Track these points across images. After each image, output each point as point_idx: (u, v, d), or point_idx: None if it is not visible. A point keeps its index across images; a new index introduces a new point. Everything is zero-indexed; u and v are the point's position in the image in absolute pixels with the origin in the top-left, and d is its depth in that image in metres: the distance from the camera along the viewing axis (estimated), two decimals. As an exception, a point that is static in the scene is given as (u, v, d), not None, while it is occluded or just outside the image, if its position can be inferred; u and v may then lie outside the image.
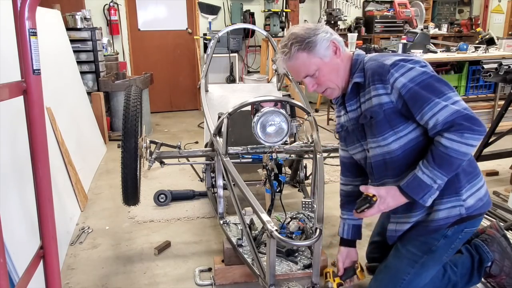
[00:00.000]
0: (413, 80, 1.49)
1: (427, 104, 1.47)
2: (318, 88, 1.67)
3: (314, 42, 1.57)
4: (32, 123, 1.32)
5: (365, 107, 1.62)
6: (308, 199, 2.22)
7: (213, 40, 3.53)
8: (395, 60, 1.54)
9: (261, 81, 5.71)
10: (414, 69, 1.51)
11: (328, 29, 1.63)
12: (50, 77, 3.14)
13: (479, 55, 4.57)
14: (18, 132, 2.07)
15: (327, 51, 1.60)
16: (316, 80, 1.63)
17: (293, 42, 1.58)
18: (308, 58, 1.59)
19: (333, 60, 1.62)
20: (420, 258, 1.66)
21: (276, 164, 2.02)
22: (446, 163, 1.47)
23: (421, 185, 1.51)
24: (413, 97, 1.49)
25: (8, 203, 1.87)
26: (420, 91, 1.48)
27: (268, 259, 1.60)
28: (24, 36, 1.25)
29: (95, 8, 5.70)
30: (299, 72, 1.64)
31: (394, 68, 1.52)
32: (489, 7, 7.53)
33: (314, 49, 1.58)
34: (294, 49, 1.58)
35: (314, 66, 1.60)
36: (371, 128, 1.61)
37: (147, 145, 2.42)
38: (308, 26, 1.63)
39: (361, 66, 1.63)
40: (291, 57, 1.60)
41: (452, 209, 1.59)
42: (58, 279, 1.49)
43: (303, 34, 1.58)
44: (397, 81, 1.50)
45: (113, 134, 4.83)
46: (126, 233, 2.70)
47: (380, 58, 1.60)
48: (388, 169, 1.65)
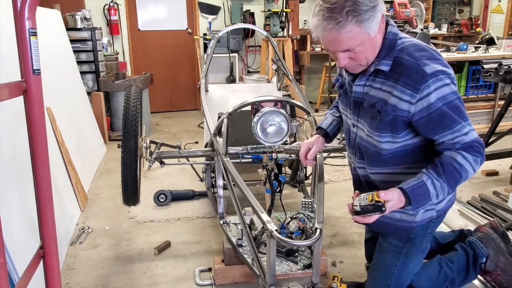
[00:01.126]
0: (444, 98, 1.38)
1: (452, 127, 1.41)
2: (350, 62, 1.45)
3: (372, 16, 1.32)
4: (32, 123, 1.32)
5: (377, 95, 1.48)
6: (308, 199, 2.22)
7: (213, 40, 3.53)
8: (436, 70, 1.37)
9: (261, 81, 5.71)
10: (448, 86, 1.39)
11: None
12: (50, 77, 3.14)
13: (479, 55, 4.57)
14: (18, 132, 2.07)
15: (377, 26, 1.37)
16: (353, 55, 1.41)
17: (350, 10, 1.29)
18: (359, 32, 1.33)
19: (376, 35, 1.40)
20: (402, 248, 1.68)
21: (276, 164, 2.02)
22: (455, 180, 1.43)
23: (425, 195, 1.43)
24: (439, 117, 1.40)
25: (8, 203, 1.87)
26: (448, 112, 1.39)
27: (268, 259, 1.60)
28: (24, 36, 1.25)
29: (95, 8, 5.70)
30: (340, 45, 1.38)
31: (432, 79, 1.36)
32: (489, 7, 7.53)
33: (369, 24, 1.33)
34: (349, 19, 1.30)
35: (360, 41, 1.36)
36: (373, 120, 1.52)
37: (147, 145, 2.42)
38: None
39: (393, 52, 1.45)
40: (342, 28, 1.31)
41: (425, 213, 1.61)
42: (58, 279, 1.49)
43: (360, 2, 1.30)
44: (431, 95, 1.37)
45: (113, 134, 4.83)
46: (126, 233, 2.70)
47: (419, 56, 1.41)
48: (367, 156, 1.61)
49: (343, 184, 3.49)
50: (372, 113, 1.51)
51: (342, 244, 2.52)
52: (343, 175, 3.66)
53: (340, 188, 3.40)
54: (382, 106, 1.46)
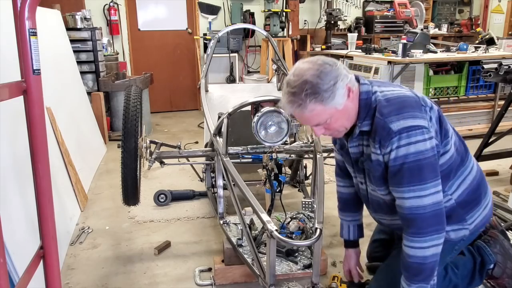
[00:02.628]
0: (405, 157, 1.42)
1: (400, 186, 1.45)
2: (327, 132, 1.54)
3: (332, 93, 1.39)
4: (32, 123, 1.33)
5: (366, 151, 1.56)
6: (308, 199, 2.22)
7: (213, 40, 3.53)
8: (402, 127, 1.41)
9: (261, 81, 5.71)
10: (414, 145, 1.41)
11: (343, 70, 1.44)
12: (50, 77, 3.14)
13: (479, 55, 4.57)
14: (18, 132, 2.07)
15: (342, 99, 1.43)
16: (327, 126, 1.50)
17: (308, 93, 1.38)
18: (323, 110, 1.42)
19: (346, 104, 1.46)
20: None
21: (276, 164, 2.02)
22: (421, 272, 1.48)
23: None
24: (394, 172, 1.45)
25: (8, 203, 1.87)
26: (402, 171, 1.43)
27: (268, 259, 1.60)
28: (24, 36, 1.25)
29: (95, 8, 5.70)
30: (309, 121, 1.48)
31: (396, 137, 1.41)
32: (489, 7, 7.52)
33: (332, 100, 1.40)
34: (308, 101, 1.38)
35: (328, 115, 1.44)
36: (369, 177, 1.60)
37: (147, 145, 2.42)
38: (323, 69, 1.40)
39: (370, 110, 1.50)
40: (304, 108, 1.40)
41: (458, 232, 1.62)
42: (58, 279, 1.49)
43: (319, 84, 1.37)
44: (393, 152, 1.43)
45: (113, 134, 4.83)
46: (126, 233, 2.70)
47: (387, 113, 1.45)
48: (383, 209, 1.67)
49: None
50: (367, 170, 1.59)
51: (342, 244, 2.51)
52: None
53: (340, 188, 3.39)
54: (369, 164, 1.54)
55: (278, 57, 3.58)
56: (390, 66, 4.24)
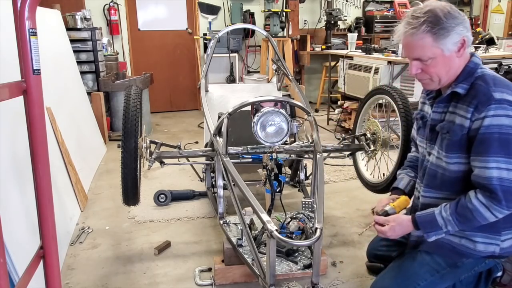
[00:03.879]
0: (499, 126, 1.42)
1: (487, 156, 1.44)
2: (421, 74, 1.55)
3: (447, 31, 1.44)
4: (32, 123, 1.32)
5: (449, 118, 1.57)
6: (308, 199, 2.22)
7: (213, 40, 3.53)
8: (503, 98, 1.43)
9: (261, 81, 5.71)
10: (509, 118, 1.42)
11: (467, 23, 1.48)
12: (50, 77, 3.14)
13: (479, 55, 4.56)
14: (18, 132, 2.07)
15: (453, 46, 1.47)
16: (425, 67, 1.52)
17: (427, 20, 1.43)
18: (431, 44, 1.45)
19: (452, 56, 1.49)
20: (443, 270, 1.66)
21: (276, 164, 2.02)
22: (465, 218, 1.51)
23: (432, 223, 1.56)
24: (483, 140, 1.45)
25: (8, 203, 1.87)
26: (493, 141, 1.43)
27: (268, 259, 1.60)
28: (24, 36, 1.25)
29: (95, 8, 5.70)
30: (413, 52, 1.51)
31: (495, 105, 1.43)
32: (489, 7, 7.52)
33: (443, 40, 1.45)
34: (423, 27, 1.43)
35: (431, 54, 1.48)
36: (442, 142, 1.59)
37: (147, 145, 2.42)
38: (451, 11, 1.46)
39: (471, 78, 1.53)
40: (416, 34, 1.45)
41: (489, 246, 1.60)
42: (58, 279, 1.49)
43: (441, 18, 1.43)
44: (487, 119, 1.43)
45: (113, 134, 4.83)
46: (126, 233, 2.70)
47: (492, 84, 1.48)
48: (437, 182, 1.66)
49: (343, 184, 3.49)
50: (443, 134, 1.59)
51: (342, 244, 2.52)
52: (343, 175, 3.66)
53: (340, 188, 3.40)
54: (451, 126, 1.54)
55: (278, 57, 3.57)
56: (390, 66, 4.24)
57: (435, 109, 1.65)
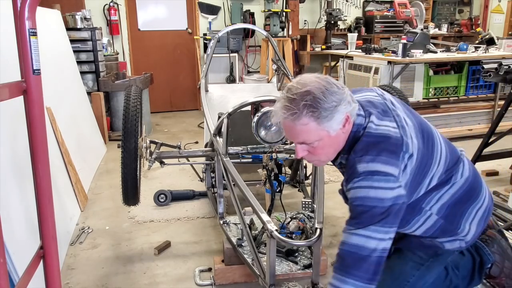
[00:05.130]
0: (362, 199, 1.34)
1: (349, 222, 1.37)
2: (309, 156, 1.44)
3: (330, 114, 1.31)
4: (32, 123, 1.33)
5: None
6: (308, 199, 2.22)
7: (213, 40, 3.53)
8: (367, 170, 1.34)
9: (261, 81, 5.71)
10: (375, 190, 1.32)
11: (348, 96, 1.35)
12: (50, 77, 3.14)
13: (479, 55, 4.56)
14: (18, 132, 2.07)
15: (339, 125, 1.35)
16: (311, 149, 1.40)
17: (307, 104, 1.29)
18: (315, 128, 1.33)
19: (339, 133, 1.37)
20: (426, 261, 1.67)
21: (276, 164, 2.02)
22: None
23: None
24: (350, 209, 1.39)
25: (8, 203, 1.87)
26: (356, 210, 1.36)
27: (268, 259, 1.60)
28: (24, 36, 1.25)
29: (95, 8, 5.70)
30: (296, 136, 1.37)
31: (359, 178, 1.35)
32: (489, 7, 7.53)
33: (327, 122, 1.32)
34: (305, 113, 1.30)
35: (317, 137, 1.35)
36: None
37: (147, 145, 2.42)
38: (329, 87, 1.32)
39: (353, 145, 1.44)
40: (296, 120, 1.31)
41: (454, 243, 1.61)
42: (58, 279, 1.49)
43: (321, 100, 1.30)
44: (352, 190, 1.37)
45: (113, 134, 4.83)
46: (126, 233, 2.70)
47: (361, 154, 1.37)
48: None
49: (343, 184, 3.49)
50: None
51: (342, 244, 2.52)
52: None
53: (340, 188, 3.39)
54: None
55: (278, 57, 3.58)
56: (390, 66, 4.24)
57: (336, 166, 1.60)
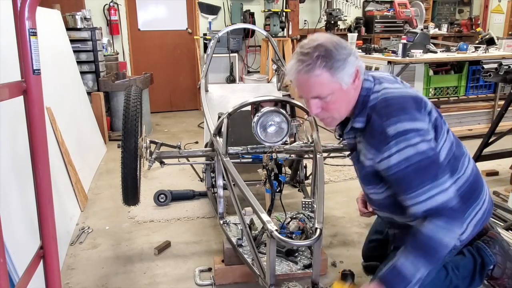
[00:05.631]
0: (408, 159, 1.37)
1: (413, 191, 1.38)
2: (322, 113, 1.48)
3: (343, 65, 1.38)
4: (32, 123, 1.33)
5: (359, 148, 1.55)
6: (308, 199, 2.22)
7: (213, 40, 3.53)
8: (399, 131, 1.37)
9: (261, 81, 5.71)
10: (413, 147, 1.37)
11: (356, 51, 1.45)
12: (50, 77, 3.14)
13: (479, 55, 4.56)
14: (18, 132, 2.07)
15: (349, 79, 1.41)
16: (324, 104, 1.45)
17: (320, 55, 1.36)
18: (328, 80, 1.38)
19: (349, 88, 1.43)
20: None
21: (276, 164, 2.02)
22: (429, 252, 1.39)
23: (400, 277, 1.41)
24: (400, 179, 1.40)
25: (8, 203, 1.87)
26: (409, 174, 1.37)
27: (268, 259, 1.60)
28: (24, 36, 1.25)
29: (95, 8, 5.70)
30: (311, 90, 1.42)
31: (394, 141, 1.37)
32: (489, 7, 7.52)
33: (339, 73, 1.38)
34: (318, 63, 1.35)
35: (330, 90, 1.41)
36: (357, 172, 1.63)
37: (147, 145, 2.42)
38: (339, 42, 1.41)
39: (366, 109, 1.47)
40: (311, 71, 1.37)
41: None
42: (58, 279, 1.49)
43: (333, 51, 1.37)
44: (392, 157, 1.38)
45: (113, 134, 4.83)
46: (126, 233, 2.70)
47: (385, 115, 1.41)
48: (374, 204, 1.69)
49: (343, 184, 3.49)
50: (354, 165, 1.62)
51: (342, 244, 2.52)
52: (343, 175, 3.66)
53: (340, 188, 3.40)
54: (358, 161, 1.55)
55: (278, 57, 3.58)
56: (390, 66, 4.24)
57: (345, 136, 1.61)
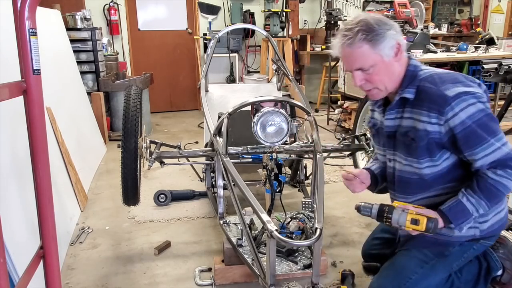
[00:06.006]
0: (471, 117, 1.46)
1: (481, 145, 1.47)
2: (366, 84, 1.58)
3: (382, 37, 1.49)
4: (32, 123, 1.33)
5: (407, 124, 1.58)
6: (308, 199, 2.22)
7: (213, 40, 3.53)
8: (458, 92, 1.47)
9: (261, 81, 5.71)
10: (474, 105, 1.46)
11: (397, 27, 1.55)
12: (50, 77, 3.14)
13: (479, 55, 4.56)
14: (18, 132, 2.07)
15: (390, 51, 1.52)
16: (368, 76, 1.55)
17: (361, 29, 1.48)
18: (369, 51, 1.50)
19: (392, 61, 1.54)
20: (431, 260, 1.66)
21: (276, 164, 2.02)
22: (492, 195, 1.50)
23: (463, 211, 1.53)
24: (467, 135, 1.47)
25: (8, 203, 1.87)
26: (476, 130, 1.46)
27: (268, 259, 1.60)
28: (24, 36, 1.25)
29: (95, 8, 5.70)
30: (354, 62, 1.54)
31: (455, 101, 1.46)
32: (489, 7, 7.52)
33: (379, 45, 1.49)
34: (359, 36, 1.48)
35: (372, 61, 1.52)
36: (408, 148, 1.60)
37: (147, 145, 2.42)
38: (380, 17, 1.53)
39: (415, 81, 1.56)
40: (353, 44, 1.50)
41: (468, 230, 1.61)
42: (58, 279, 1.49)
43: (373, 25, 1.49)
44: (456, 116, 1.46)
45: (113, 134, 4.83)
46: (126, 233, 2.70)
47: (440, 83, 1.51)
48: (410, 187, 1.66)
49: (343, 184, 3.48)
50: (407, 141, 1.59)
51: (342, 244, 2.52)
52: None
53: (340, 188, 3.39)
54: (415, 133, 1.55)
55: (278, 57, 3.58)
56: (390, 66, 4.23)
57: (387, 116, 1.66)
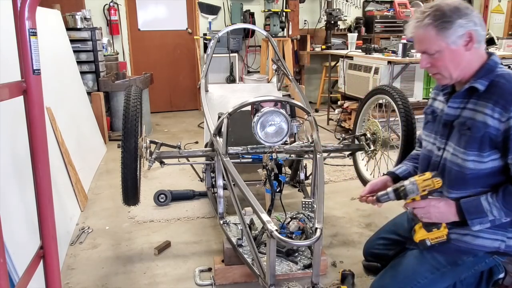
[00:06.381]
0: None
1: None
2: (431, 68, 1.59)
3: (449, 24, 1.48)
4: (32, 123, 1.33)
5: (468, 114, 1.56)
6: (308, 199, 2.21)
7: (213, 40, 3.53)
8: None
9: (261, 81, 5.71)
10: None
11: (475, 18, 1.50)
12: (50, 77, 3.14)
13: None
14: (18, 132, 2.07)
15: (459, 40, 1.49)
16: (432, 60, 1.56)
17: (431, 13, 1.50)
18: (434, 37, 1.50)
19: (460, 50, 1.51)
20: (443, 268, 1.64)
21: (276, 164, 2.02)
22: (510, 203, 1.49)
23: (478, 207, 1.52)
24: None
25: (8, 203, 1.87)
26: None
27: (268, 259, 1.60)
28: (24, 36, 1.25)
29: (95, 8, 5.70)
30: (420, 44, 1.57)
31: None
32: (489, 7, 7.52)
33: (445, 32, 1.49)
34: (426, 21, 1.50)
35: (437, 47, 1.52)
36: (460, 138, 1.58)
37: (147, 145, 2.42)
38: (457, 4, 1.50)
39: (490, 75, 1.54)
40: (420, 27, 1.53)
41: (494, 242, 1.59)
42: (58, 279, 1.49)
43: (445, 11, 1.49)
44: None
45: (113, 134, 4.83)
46: (126, 233, 2.70)
47: None
48: (449, 178, 1.63)
49: (343, 184, 3.49)
50: (462, 130, 1.57)
51: (342, 244, 2.52)
52: (343, 175, 3.66)
53: (340, 188, 3.40)
54: (473, 123, 1.53)
55: (278, 57, 3.57)
56: (390, 66, 4.24)
57: (450, 104, 1.64)
